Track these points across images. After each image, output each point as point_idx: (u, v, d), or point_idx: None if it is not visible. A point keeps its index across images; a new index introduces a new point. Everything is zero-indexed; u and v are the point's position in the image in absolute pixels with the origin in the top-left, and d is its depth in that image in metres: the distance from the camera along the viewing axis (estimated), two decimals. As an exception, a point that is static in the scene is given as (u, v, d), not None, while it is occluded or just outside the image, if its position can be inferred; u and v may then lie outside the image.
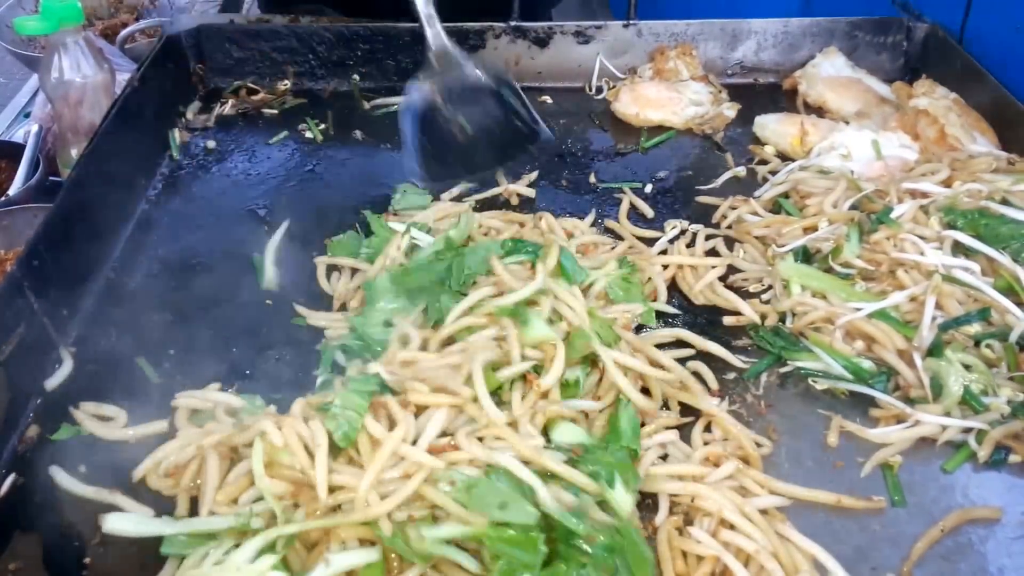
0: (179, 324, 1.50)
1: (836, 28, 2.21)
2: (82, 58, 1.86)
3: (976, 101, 1.97)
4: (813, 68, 2.17)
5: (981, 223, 1.53)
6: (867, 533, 1.16)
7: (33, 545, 1.16)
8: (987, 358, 1.36)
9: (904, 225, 1.55)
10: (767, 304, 1.52)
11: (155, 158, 1.93)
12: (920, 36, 2.19)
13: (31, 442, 1.30)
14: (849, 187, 1.69)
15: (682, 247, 1.64)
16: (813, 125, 1.96)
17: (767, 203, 1.75)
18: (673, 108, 2.08)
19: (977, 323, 1.39)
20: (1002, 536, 1.16)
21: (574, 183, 1.87)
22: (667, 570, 1.10)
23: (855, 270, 1.50)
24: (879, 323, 1.40)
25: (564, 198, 1.82)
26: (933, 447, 1.28)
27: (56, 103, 1.89)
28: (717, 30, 2.21)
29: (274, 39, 2.14)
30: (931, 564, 1.13)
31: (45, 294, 1.42)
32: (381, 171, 1.90)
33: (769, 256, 1.60)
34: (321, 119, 2.07)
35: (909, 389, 1.34)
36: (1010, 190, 1.60)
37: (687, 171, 1.91)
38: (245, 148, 2.00)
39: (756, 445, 1.26)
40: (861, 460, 1.26)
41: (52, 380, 1.39)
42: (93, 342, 1.47)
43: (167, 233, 1.73)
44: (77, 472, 1.23)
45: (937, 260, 1.47)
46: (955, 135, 1.85)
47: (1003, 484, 1.23)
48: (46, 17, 1.78)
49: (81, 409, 1.33)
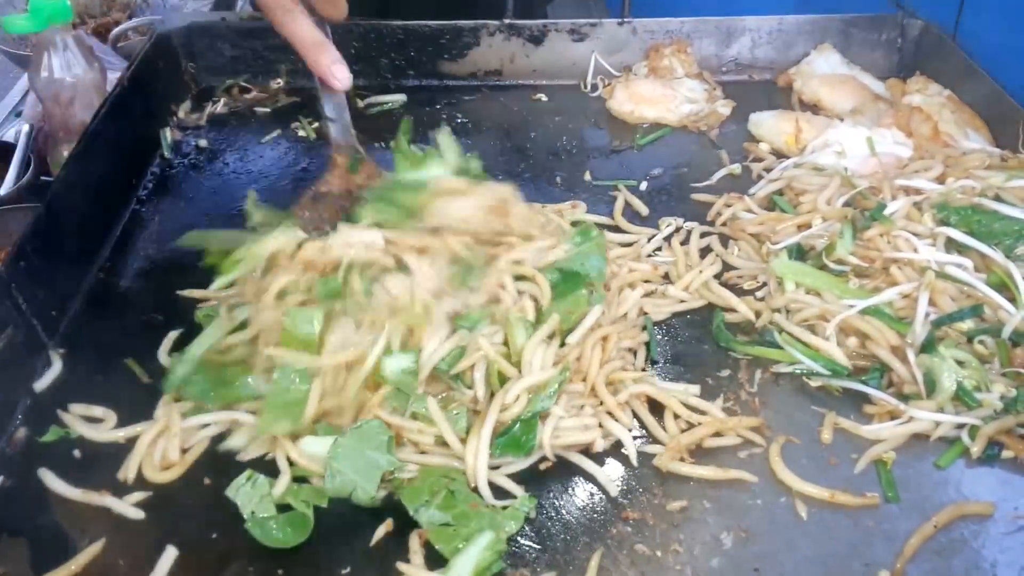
0: (169, 325, 1.48)
1: (830, 25, 2.21)
2: (72, 57, 1.85)
3: (970, 98, 1.97)
4: (807, 65, 2.17)
5: (974, 219, 1.53)
6: (861, 529, 1.16)
7: (21, 548, 1.15)
8: (980, 354, 1.36)
9: (898, 222, 1.55)
10: (762, 301, 1.51)
11: (146, 157, 1.92)
12: (914, 33, 2.19)
13: (19, 444, 1.29)
14: (843, 184, 1.69)
15: (676, 244, 1.64)
16: (808, 122, 1.96)
17: (762, 200, 1.75)
18: (668, 105, 2.07)
19: (970, 319, 1.39)
20: (995, 531, 1.15)
21: (569, 181, 1.87)
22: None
23: (849, 267, 1.50)
24: (872, 320, 1.39)
25: (559, 195, 1.81)
26: (926, 443, 1.27)
27: (46, 102, 1.88)
28: (712, 27, 2.21)
29: (267, 37, 2.13)
30: (924, 560, 1.12)
31: (34, 295, 1.40)
32: (374, 169, 1.90)
33: (763, 253, 1.59)
34: (314, 118, 2.06)
35: (903, 385, 1.33)
36: (1003, 186, 1.60)
37: (682, 168, 1.91)
38: (237, 147, 1.99)
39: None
40: (855, 456, 1.25)
41: (41, 381, 1.37)
42: (82, 343, 1.45)
43: (158, 233, 1.72)
44: (66, 474, 1.22)
45: (930, 256, 1.47)
46: (949, 132, 1.85)
47: (996, 479, 1.22)
48: (35, 15, 1.77)
49: (70, 411, 1.32)
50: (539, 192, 1.82)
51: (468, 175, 1.54)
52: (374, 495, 1.15)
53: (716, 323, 1.46)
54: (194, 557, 1.13)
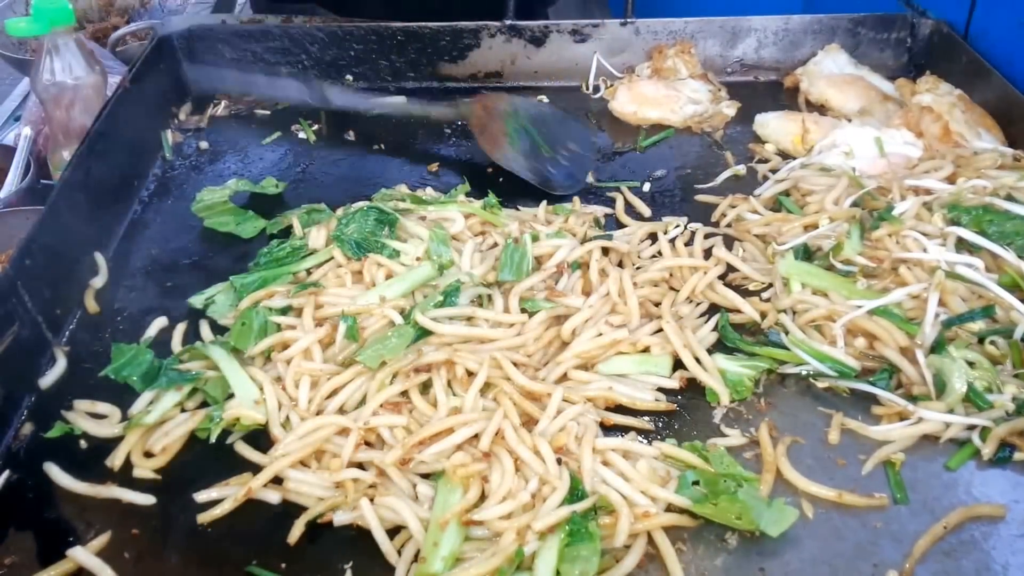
0: (172, 324, 1.48)
1: (838, 25, 2.18)
2: (73, 60, 1.85)
3: (981, 98, 1.94)
4: (815, 65, 2.15)
5: (985, 219, 1.50)
6: (869, 530, 1.13)
7: (28, 541, 1.16)
8: (991, 355, 1.33)
9: (907, 222, 1.52)
10: (767, 302, 1.49)
11: (148, 159, 1.92)
12: (925, 32, 2.16)
13: (25, 439, 1.30)
14: (851, 184, 1.67)
15: (680, 245, 1.61)
16: (815, 123, 1.94)
17: (767, 201, 1.73)
18: (671, 106, 2.05)
19: (981, 320, 1.36)
20: (1006, 534, 1.13)
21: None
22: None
23: (856, 267, 1.47)
24: (881, 320, 1.37)
25: (561, 197, 1.78)
26: (936, 445, 1.25)
27: (47, 105, 1.87)
28: (716, 28, 2.19)
29: (267, 40, 2.13)
30: (934, 561, 1.10)
31: (39, 293, 1.41)
32: (374, 172, 1.89)
33: (769, 254, 1.57)
34: (314, 120, 2.05)
35: (912, 386, 1.31)
36: (1016, 186, 1.58)
37: (686, 170, 1.89)
38: (238, 149, 1.98)
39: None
40: (863, 458, 1.23)
41: (46, 378, 1.38)
42: (86, 341, 1.46)
43: (160, 233, 1.72)
44: (71, 469, 1.23)
45: (940, 256, 1.44)
46: (959, 132, 1.82)
47: (1007, 482, 1.20)
48: (37, 18, 1.77)
49: (75, 407, 1.32)
50: (541, 194, 1.79)
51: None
52: None
53: (721, 323, 1.44)
54: (196, 552, 1.14)
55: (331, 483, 1.18)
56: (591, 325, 1.39)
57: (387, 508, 1.14)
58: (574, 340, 1.36)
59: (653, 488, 1.15)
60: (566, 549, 1.07)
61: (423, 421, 1.24)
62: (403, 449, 1.18)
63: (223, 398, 1.29)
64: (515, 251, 1.49)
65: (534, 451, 1.17)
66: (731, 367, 1.36)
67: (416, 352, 1.31)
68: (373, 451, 1.21)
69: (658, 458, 1.22)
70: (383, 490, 1.16)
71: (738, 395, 1.33)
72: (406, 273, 1.45)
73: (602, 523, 1.12)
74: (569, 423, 1.23)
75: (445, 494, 1.13)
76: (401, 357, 1.30)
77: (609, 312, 1.42)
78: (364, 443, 1.22)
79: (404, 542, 1.12)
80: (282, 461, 1.19)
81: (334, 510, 1.16)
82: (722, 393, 1.32)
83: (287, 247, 1.55)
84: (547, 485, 1.14)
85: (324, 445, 1.22)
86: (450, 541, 1.08)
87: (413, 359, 1.29)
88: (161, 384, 1.31)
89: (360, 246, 1.49)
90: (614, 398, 1.30)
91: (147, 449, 1.26)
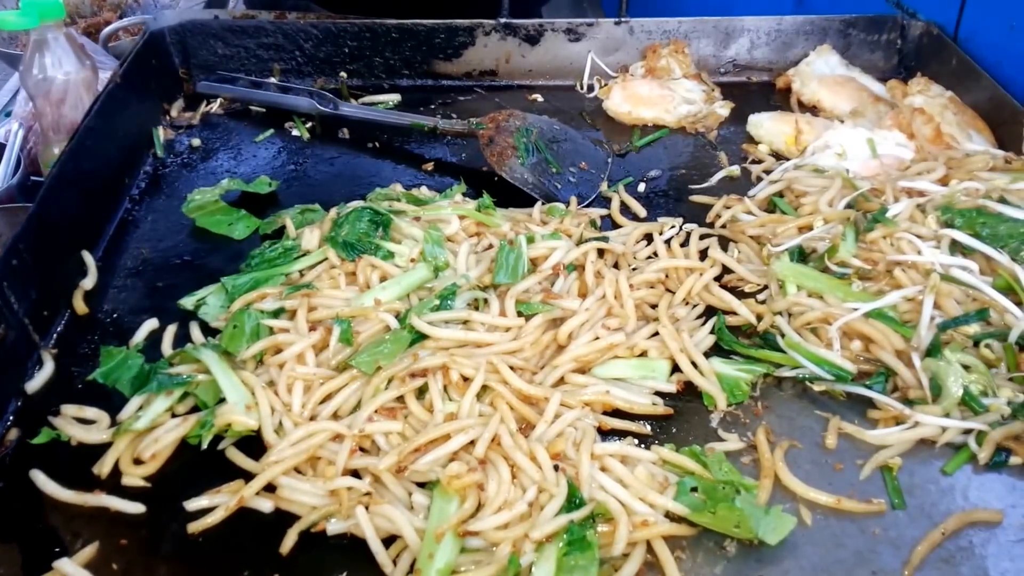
0: (162, 326, 1.46)
1: (830, 26, 2.19)
2: (64, 55, 1.83)
3: (972, 99, 1.95)
4: (807, 66, 2.16)
5: (979, 222, 1.51)
6: (867, 537, 1.13)
7: (13, 552, 1.13)
8: (986, 358, 1.34)
9: (901, 224, 1.53)
10: (763, 304, 1.49)
11: (139, 156, 1.90)
12: (915, 34, 2.18)
13: (11, 445, 1.26)
14: (844, 186, 1.67)
15: (676, 246, 1.61)
16: (808, 124, 1.94)
17: (761, 202, 1.73)
18: (665, 106, 2.05)
19: (976, 323, 1.37)
20: (1003, 539, 1.13)
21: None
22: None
23: (851, 269, 1.48)
24: (876, 323, 1.37)
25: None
26: (933, 449, 1.25)
27: (37, 101, 1.85)
28: (710, 28, 2.19)
29: (260, 36, 2.11)
30: (932, 568, 1.10)
31: (26, 294, 1.38)
32: (368, 170, 1.88)
33: (764, 256, 1.57)
34: (308, 117, 2.04)
35: (908, 390, 1.31)
36: (1008, 188, 1.58)
37: (680, 170, 1.89)
38: (231, 146, 1.97)
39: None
40: (860, 462, 1.23)
41: (33, 382, 1.35)
42: (74, 343, 1.43)
43: (151, 232, 1.70)
44: (58, 476, 1.20)
45: (935, 259, 1.44)
46: (951, 133, 1.83)
47: (1004, 486, 1.20)
48: (26, 12, 1.74)
49: (62, 412, 1.29)
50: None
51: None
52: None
53: (717, 325, 1.44)
54: (186, 562, 1.11)
55: (325, 491, 1.16)
56: (587, 328, 1.39)
57: (383, 517, 1.12)
58: (571, 343, 1.36)
59: (652, 495, 1.15)
60: (564, 558, 1.06)
61: (419, 427, 1.23)
62: (399, 456, 1.17)
63: (214, 403, 1.27)
64: (510, 253, 1.48)
65: (531, 457, 1.16)
66: (728, 371, 1.36)
67: (412, 356, 1.30)
68: (368, 457, 1.20)
69: (656, 463, 1.22)
70: (378, 498, 1.15)
71: (735, 399, 1.33)
72: (401, 275, 1.45)
73: (600, 531, 1.11)
74: (567, 428, 1.22)
75: (441, 504, 1.12)
76: (397, 362, 1.29)
77: (605, 315, 1.42)
78: (359, 449, 1.21)
79: (399, 552, 1.11)
80: (275, 468, 1.18)
81: (328, 519, 1.14)
82: (719, 397, 1.32)
83: (279, 248, 1.54)
84: (544, 493, 1.13)
85: (318, 452, 1.21)
86: (445, 553, 1.07)
87: (409, 364, 1.28)
88: (151, 388, 1.29)
89: (354, 247, 1.48)
90: (611, 402, 1.30)
91: (136, 455, 1.22)
